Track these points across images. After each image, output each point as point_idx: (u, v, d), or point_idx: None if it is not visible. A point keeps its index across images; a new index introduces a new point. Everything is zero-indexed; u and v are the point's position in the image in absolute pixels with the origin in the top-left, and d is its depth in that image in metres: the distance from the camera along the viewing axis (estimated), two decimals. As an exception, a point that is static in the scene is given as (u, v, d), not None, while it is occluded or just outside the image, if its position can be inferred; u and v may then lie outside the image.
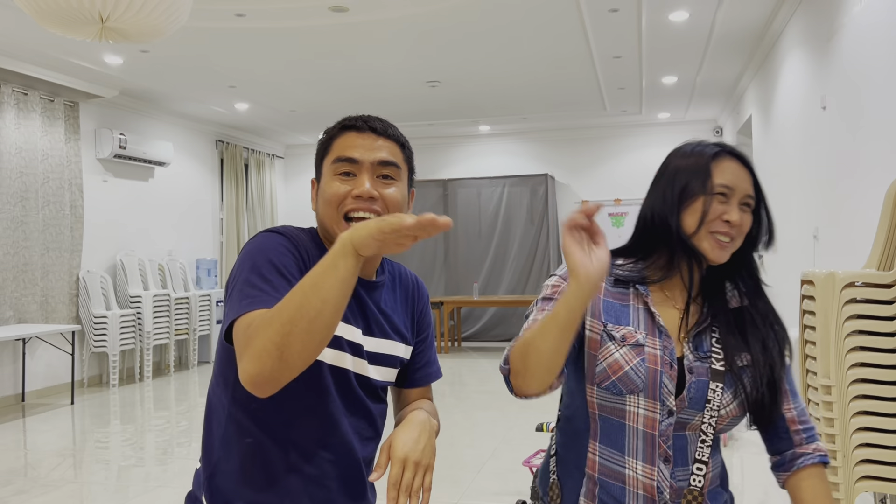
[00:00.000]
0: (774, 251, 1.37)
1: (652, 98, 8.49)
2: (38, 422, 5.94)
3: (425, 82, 7.49)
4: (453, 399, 6.53)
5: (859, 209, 3.68)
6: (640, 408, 1.24)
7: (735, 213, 1.26)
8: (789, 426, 1.32)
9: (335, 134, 1.33)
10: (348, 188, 1.27)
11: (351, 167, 1.28)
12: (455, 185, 10.53)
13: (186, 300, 8.35)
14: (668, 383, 1.24)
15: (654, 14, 5.48)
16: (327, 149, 1.33)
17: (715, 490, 1.31)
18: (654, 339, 1.26)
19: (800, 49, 5.03)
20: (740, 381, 1.26)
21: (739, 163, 1.29)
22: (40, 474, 4.48)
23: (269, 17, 5.36)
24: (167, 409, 6.39)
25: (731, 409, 1.26)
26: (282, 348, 1.00)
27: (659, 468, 1.24)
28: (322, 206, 1.29)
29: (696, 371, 1.26)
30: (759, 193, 1.30)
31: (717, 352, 1.27)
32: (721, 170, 1.27)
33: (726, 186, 1.26)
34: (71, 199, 7.24)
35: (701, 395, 1.24)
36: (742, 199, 1.28)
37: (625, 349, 1.24)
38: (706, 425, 1.25)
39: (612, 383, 1.24)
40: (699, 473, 1.25)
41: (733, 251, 1.29)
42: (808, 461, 1.31)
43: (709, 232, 1.26)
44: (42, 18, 2.49)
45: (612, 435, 1.26)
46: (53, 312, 7.01)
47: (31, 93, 6.80)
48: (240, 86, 7.49)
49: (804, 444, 1.33)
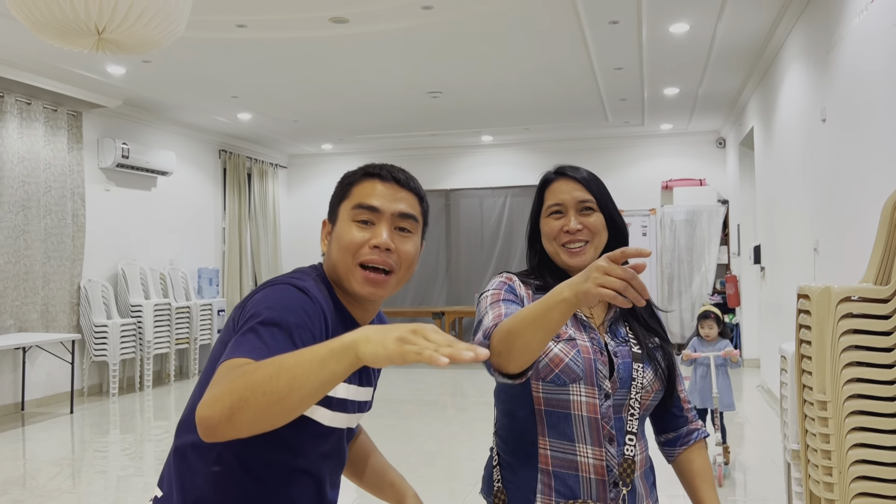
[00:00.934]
0: (776, 263, 1.44)
1: (654, 109, 8.49)
2: (37, 431, 5.93)
3: (427, 93, 7.51)
4: (453, 410, 6.51)
5: (860, 222, 3.67)
6: (581, 395, 1.36)
7: (573, 220, 1.43)
8: (682, 405, 1.52)
9: (356, 179, 1.31)
10: (366, 236, 1.25)
11: (371, 216, 1.27)
12: (457, 195, 10.53)
13: (187, 309, 8.36)
14: (602, 368, 1.38)
15: (654, 26, 5.48)
16: (346, 193, 1.30)
17: (646, 469, 1.46)
18: (582, 333, 1.41)
19: (800, 61, 5.03)
20: (655, 359, 1.43)
21: (568, 179, 1.47)
22: (38, 484, 4.47)
23: (270, 27, 5.38)
24: (167, 418, 6.38)
25: (653, 383, 1.41)
26: (233, 409, 0.94)
27: (606, 448, 1.37)
28: (337, 251, 1.27)
29: (621, 354, 1.41)
30: (595, 193, 1.45)
31: (632, 337, 1.44)
32: (551, 192, 1.48)
33: (557, 204, 1.46)
34: (73, 208, 7.26)
35: (627, 374, 1.39)
36: (577, 206, 1.45)
37: (561, 344, 1.38)
38: (633, 400, 1.39)
39: (555, 375, 1.36)
40: (630, 444, 1.38)
41: (597, 252, 1.44)
42: (701, 435, 1.52)
43: (560, 245, 1.45)
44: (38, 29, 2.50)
45: (560, 426, 1.37)
46: (54, 321, 7.02)
47: (35, 102, 6.83)
48: (242, 96, 7.52)
49: (694, 420, 1.53)
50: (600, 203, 1.46)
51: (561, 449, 1.37)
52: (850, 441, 2.24)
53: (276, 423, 0.96)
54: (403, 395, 7.29)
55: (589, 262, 1.42)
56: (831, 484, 2.25)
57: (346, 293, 1.29)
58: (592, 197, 1.45)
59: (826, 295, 2.28)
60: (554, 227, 1.45)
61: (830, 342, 2.27)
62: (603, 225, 1.45)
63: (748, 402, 6.66)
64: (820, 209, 4.50)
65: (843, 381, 2.25)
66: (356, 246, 1.25)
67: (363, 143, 10.50)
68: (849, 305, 2.27)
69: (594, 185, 1.47)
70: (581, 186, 1.46)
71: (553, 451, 1.37)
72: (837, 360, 2.26)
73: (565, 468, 1.37)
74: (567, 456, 1.37)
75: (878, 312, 2.25)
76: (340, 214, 1.29)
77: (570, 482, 1.36)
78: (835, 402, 2.25)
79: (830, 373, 2.26)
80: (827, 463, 2.26)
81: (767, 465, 4.69)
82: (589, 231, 1.44)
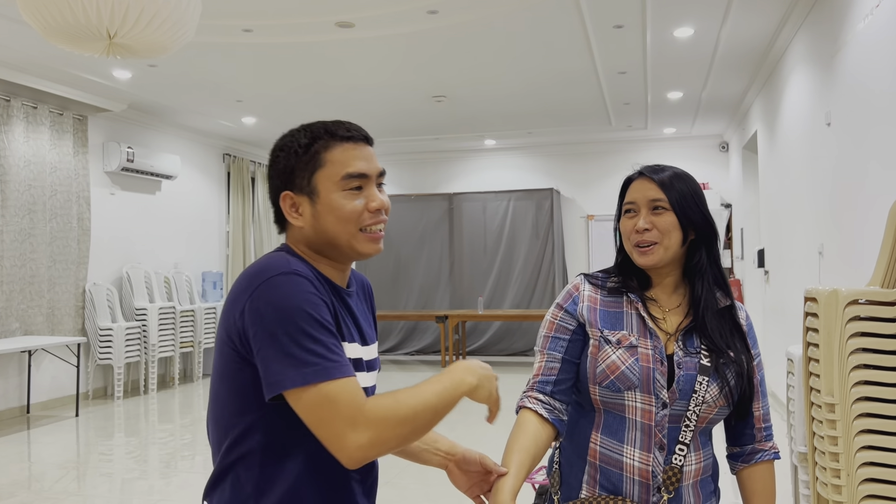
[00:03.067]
0: (780, 267, 1.45)
1: (657, 113, 8.51)
2: (42, 434, 5.94)
3: (431, 97, 7.53)
4: (457, 414, 6.51)
5: (864, 225, 3.67)
6: (637, 402, 1.39)
7: (643, 220, 1.44)
8: (755, 423, 1.50)
9: (325, 146, 1.29)
10: (362, 203, 1.28)
11: (361, 181, 1.29)
12: (460, 199, 10.55)
13: (192, 313, 8.37)
14: (659, 378, 1.39)
15: (659, 30, 5.50)
16: (319, 162, 1.28)
17: (705, 479, 1.45)
18: (646, 341, 1.42)
19: (804, 65, 5.04)
20: (724, 375, 1.41)
21: (644, 178, 1.47)
22: (44, 486, 4.48)
23: (276, 32, 5.40)
24: (171, 421, 6.39)
25: (717, 399, 1.40)
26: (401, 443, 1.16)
27: (654, 455, 1.39)
28: (335, 223, 1.27)
29: (685, 366, 1.40)
30: (670, 193, 1.44)
31: (704, 348, 1.42)
32: (629, 191, 1.49)
33: (630, 203, 1.47)
34: (78, 212, 7.29)
35: (689, 386, 1.39)
36: (648, 205, 1.45)
37: (620, 351, 1.41)
38: (690, 412, 1.39)
39: (611, 382, 1.40)
40: (680, 454, 1.39)
41: (668, 252, 1.44)
42: (765, 457, 1.50)
43: (633, 245, 1.46)
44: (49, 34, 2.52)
45: (614, 427, 1.41)
46: (59, 324, 7.04)
47: (41, 106, 6.86)
48: (247, 100, 7.55)
49: (763, 441, 1.51)
50: (675, 203, 1.43)
51: (610, 447, 1.41)
52: (858, 443, 2.24)
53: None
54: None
55: (658, 263, 1.43)
56: (839, 486, 2.26)
57: (337, 259, 1.32)
58: (665, 196, 1.43)
59: (834, 298, 2.29)
60: (627, 227, 1.47)
61: (838, 345, 2.28)
62: (675, 225, 1.43)
63: (752, 406, 6.65)
64: (825, 213, 4.51)
65: (851, 384, 2.26)
66: (357, 214, 1.28)
67: (367, 146, 10.51)
68: (856, 308, 2.28)
69: (670, 184, 1.44)
70: (655, 185, 1.44)
71: (602, 447, 1.42)
72: (845, 362, 2.27)
73: (611, 465, 1.41)
74: (614, 455, 1.41)
75: (885, 315, 2.25)
76: (321, 186, 1.27)
77: (613, 479, 1.40)
78: (843, 404, 2.26)
79: (838, 375, 2.27)
80: (835, 465, 2.26)
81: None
82: (657, 231, 1.43)
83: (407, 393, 1.17)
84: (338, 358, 1.16)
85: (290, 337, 1.14)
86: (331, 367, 1.14)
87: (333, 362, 1.15)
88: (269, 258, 1.24)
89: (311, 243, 1.31)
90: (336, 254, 1.31)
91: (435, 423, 1.18)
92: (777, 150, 6.26)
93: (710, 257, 1.47)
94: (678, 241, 1.44)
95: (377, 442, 1.13)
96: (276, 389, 1.14)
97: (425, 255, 10.63)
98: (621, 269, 1.53)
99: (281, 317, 1.15)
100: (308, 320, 1.15)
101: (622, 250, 1.52)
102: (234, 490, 1.23)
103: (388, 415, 1.13)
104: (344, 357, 1.18)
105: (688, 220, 1.44)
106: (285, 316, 1.15)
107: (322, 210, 1.28)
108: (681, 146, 10.12)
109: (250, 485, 1.22)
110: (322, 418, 1.12)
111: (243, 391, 1.21)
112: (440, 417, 1.19)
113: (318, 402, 1.12)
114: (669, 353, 1.42)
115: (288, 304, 1.15)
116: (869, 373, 2.25)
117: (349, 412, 1.12)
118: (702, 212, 1.45)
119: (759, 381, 1.49)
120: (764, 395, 1.51)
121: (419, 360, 10.17)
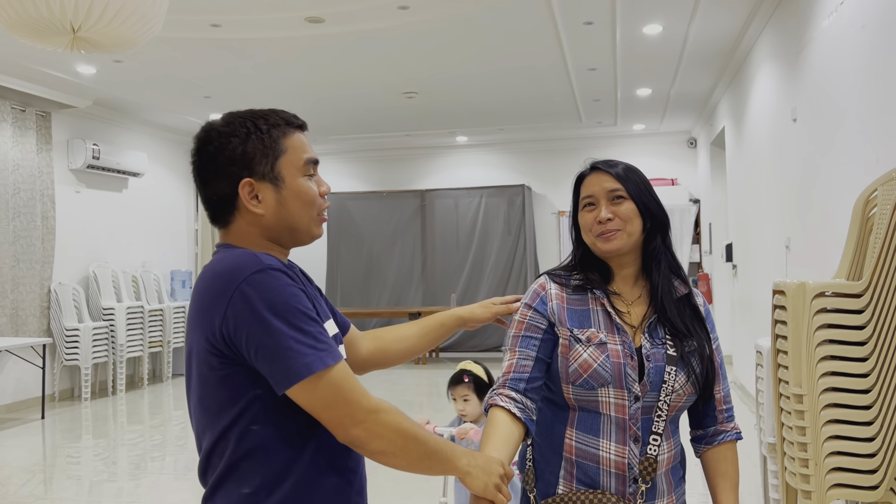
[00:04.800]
0: (748, 261, 1.47)
1: (627, 110, 8.58)
2: (7, 437, 5.82)
3: (402, 93, 7.50)
4: (430, 410, 6.51)
5: (830, 219, 3.74)
6: (610, 398, 1.41)
7: (604, 210, 1.46)
8: (716, 405, 1.54)
9: (283, 133, 1.31)
10: (316, 188, 1.34)
11: (314, 168, 1.35)
12: (432, 196, 10.54)
13: (161, 312, 8.26)
14: (631, 373, 1.41)
15: (628, 27, 5.54)
16: (280, 148, 1.30)
17: (675, 466, 1.48)
18: (614, 336, 1.44)
19: (771, 62, 5.11)
20: (689, 363, 1.44)
21: (598, 172, 1.50)
22: (9, 491, 4.39)
23: (244, 27, 5.34)
24: (140, 422, 6.30)
25: (686, 387, 1.44)
26: (389, 446, 1.23)
27: (630, 447, 1.41)
28: (300, 207, 1.31)
29: (654, 358, 1.43)
30: (626, 183, 1.47)
31: (669, 339, 1.45)
32: (585, 186, 1.51)
33: (589, 196, 1.50)
34: (42, 210, 7.14)
35: (659, 378, 1.42)
36: (607, 196, 1.47)
37: (591, 349, 1.42)
38: (661, 402, 1.42)
39: (584, 380, 1.41)
40: (654, 444, 1.41)
41: (631, 238, 1.46)
42: (728, 437, 1.53)
43: (595, 236, 1.48)
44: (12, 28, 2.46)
45: (588, 422, 1.43)
46: (24, 325, 6.89)
47: (2, 102, 6.70)
48: (215, 96, 7.45)
49: (725, 422, 1.54)
50: (632, 192, 1.47)
51: (585, 442, 1.43)
52: (825, 433, 2.28)
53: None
54: (380, 395, 7.27)
55: (621, 248, 1.46)
56: (808, 475, 2.30)
57: (286, 245, 1.35)
58: (622, 185, 1.47)
59: (801, 290, 2.33)
60: (588, 219, 1.49)
61: (806, 336, 2.31)
62: (635, 212, 1.47)
63: (722, 399, 6.75)
64: (791, 207, 4.58)
65: (819, 375, 2.30)
66: (317, 198, 1.34)
67: (338, 143, 10.46)
68: (823, 301, 2.32)
69: (625, 175, 1.49)
70: (611, 177, 1.48)
71: (578, 443, 1.43)
72: (813, 353, 2.31)
73: (588, 460, 1.42)
74: (590, 449, 1.42)
75: (851, 307, 2.30)
76: (284, 172, 1.29)
77: (590, 473, 1.42)
78: (810, 395, 2.30)
79: (806, 366, 2.31)
80: (803, 455, 2.30)
81: (742, 460, 4.75)
82: (619, 220, 1.46)
83: (415, 422, 1.26)
84: (326, 346, 1.21)
85: (283, 333, 1.17)
86: (324, 355, 1.19)
87: (323, 351, 1.20)
88: (236, 256, 1.22)
89: (269, 231, 1.30)
90: (290, 240, 1.33)
91: (421, 462, 1.25)
92: (744, 145, 6.35)
93: (665, 244, 1.51)
94: (639, 227, 1.48)
95: (372, 426, 1.20)
96: (285, 386, 1.18)
97: (397, 251, 10.60)
98: (582, 264, 1.54)
99: (270, 316, 1.17)
100: (295, 314, 1.19)
101: (580, 244, 1.55)
102: (243, 485, 1.23)
103: (391, 411, 1.23)
104: (331, 341, 1.23)
105: (645, 207, 1.48)
106: (274, 314, 1.17)
107: (288, 196, 1.29)
108: (650, 142, 10.22)
109: (259, 478, 1.23)
110: (325, 402, 1.19)
111: (237, 392, 1.22)
112: (426, 463, 1.25)
113: (317, 389, 1.18)
114: (637, 346, 1.45)
115: (273, 302, 1.18)
116: (836, 364, 2.29)
117: (349, 394, 1.20)
118: (656, 200, 1.50)
119: (719, 364, 1.52)
120: (724, 378, 1.54)
121: (392, 358, 10.14)
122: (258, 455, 1.23)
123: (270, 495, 1.22)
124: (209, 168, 1.29)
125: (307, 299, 1.23)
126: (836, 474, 2.27)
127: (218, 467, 1.25)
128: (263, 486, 1.23)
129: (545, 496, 1.46)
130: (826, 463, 2.28)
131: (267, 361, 1.18)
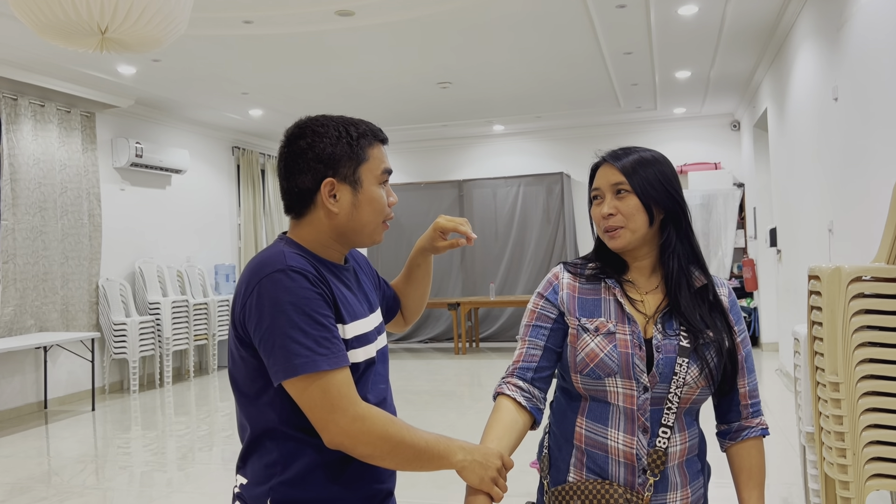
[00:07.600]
0: (792, 246, 1.44)
1: (666, 93, 8.42)
2: (59, 429, 6.02)
3: (436, 84, 7.49)
4: (470, 400, 6.52)
5: (873, 202, 3.62)
6: (618, 388, 1.40)
7: (607, 205, 1.45)
8: (741, 400, 1.50)
9: (369, 143, 1.39)
10: (386, 198, 1.42)
11: (388, 178, 1.44)
12: (470, 186, 10.52)
13: (205, 306, 8.43)
14: (638, 363, 1.40)
15: (662, 8, 5.43)
16: (364, 156, 1.38)
17: (691, 458, 1.45)
18: (624, 326, 1.42)
19: (811, 40, 4.96)
20: (703, 356, 1.41)
21: (606, 164, 1.47)
22: (62, 480, 4.54)
23: (276, 23, 5.39)
24: (187, 413, 6.45)
25: (698, 381, 1.40)
26: (375, 451, 1.27)
27: (638, 438, 1.40)
28: (371, 213, 1.39)
29: (664, 349, 1.41)
30: (630, 175, 1.43)
31: (683, 330, 1.42)
32: (595, 179, 1.49)
33: (596, 189, 1.48)
34: (89, 208, 7.34)
35: (669, 369, 1.40)
36: (611, 190, 1.45)
37: (599, 338, 1.42)
38: (672, 395, 1.40)
39: (591, 370, 1.41)
40: (663, 436, 1.40)
41: (636, 235, 1.44)
42: (752, 433, 1.50)
43: (602, 231, 1.47)
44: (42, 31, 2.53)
45: (598, 412, 1.43)
46: (74, 320, 7.11)
47: (48, 104, 6.90)
48: (252, 92, 7.55)
49: (750, 417, 1.51)
50: (636, 185, 1.43)
51: (595, 431, 1.43)
52: (863, 422, 2.22)
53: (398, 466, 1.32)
54: (420, 385, 7.32)
55: (626, 245, 1.44)
56: (845, 466, 2.23)
57: (346, 245, 1.42)
58: (625, 179, 1.43)
59: (836, 275, 2.26)
60: (595, 214, 1.48)
61: (842, 323, 2.24)
62: (638, 208, 1.42)
63: (767, 386, 6.62)
64: (834, 189, 4.45)
65: (856, 362, 2.23)
66: (386, 206, 1.41)
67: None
68: (860, 285, 2.25)
69: (632, 168, 1.44)
70: (616, 170, 1.45)
71: (588, 431, 1.43)
72: (849, 340, 2.24)
73: (597, 448, 1.42)
74: (599, 438, 1.42)
75: (890, 292, 2.22)
76: (364, 178, 1.37)
77: (599, 462, 1.42)
78: (847, 383, 2.23)
79: (842, 354, 2.24)
80: (840, 445, 2.24)
81: (786, 449, 4.66)
82: (622, 216, 1.43)
83: (405, 423, 1.30)
84: (326, 351, 1.26)
85: (283, 332, 1.25)
86: (319, 360, 1.25)
87: (321, 355, 1.25)
88: (267, 253, 1.32)
89: (337, 229, 1.39)
90: (353, 240, 1.41)
91: (411, 463, 1.28)
92: (787, 127, 6.18)
93: (679, 235, 1.47)
94: (644, 223, 1.44)
95: (355, 434, 1.25)
96: (277, 380, 1.27)
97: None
98: (599, 255, 1.54)
99: (274, 313, 1.25)
100: (301, 315, 1.25)
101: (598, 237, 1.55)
102: (263, 458, 1.34)
103: (377, 418, 1.26)
104: (334, 348, 1.28)
105: (651, 200, 1.43)
106: (278, 313, 1.25)
107: (363, 200, 1.38)
108: (691, 126, 10.02)
109: (276, 453, 1.33)
110: (313, 404, 1.25)
111: (256, 374, 1.32)
112: (417, 463, 1.28)
113: (307, 390, 1.25)
114: (648, 336, 1.43)
115: (283, 301, 1.26)
116: (874, 350, 2.22)
117: (336, 401, 1.25)
118: (667, 190, 1.44)
119: (743, 358, 1.49)
120: (750, 372, 1.50)
121: (432, 348, 10.18)
122: (275, 434, 1.33)
123: (287, 469, 1.32)
124: (297, 162, 1.37)
125: (324, 304, 1.29)
126: (875, 464, 2.21)
127: (244, 441, 1.38)
128: (279, 461, 1.32)
129: (557, 483, 1.47)
130: (864, 453, 2.21)
131: (265, 354, 1.28)
